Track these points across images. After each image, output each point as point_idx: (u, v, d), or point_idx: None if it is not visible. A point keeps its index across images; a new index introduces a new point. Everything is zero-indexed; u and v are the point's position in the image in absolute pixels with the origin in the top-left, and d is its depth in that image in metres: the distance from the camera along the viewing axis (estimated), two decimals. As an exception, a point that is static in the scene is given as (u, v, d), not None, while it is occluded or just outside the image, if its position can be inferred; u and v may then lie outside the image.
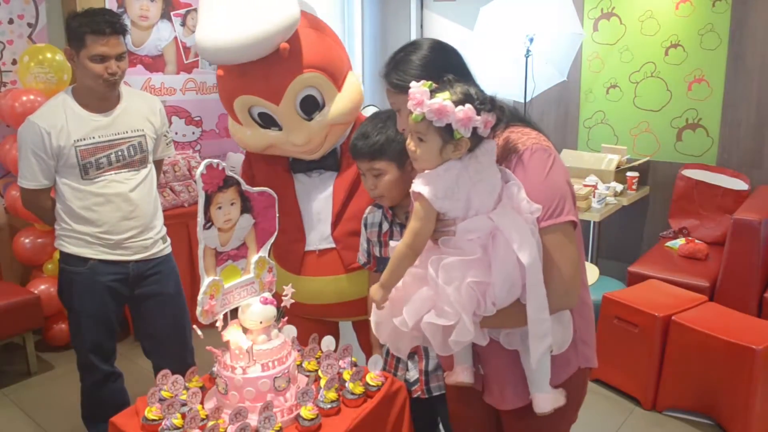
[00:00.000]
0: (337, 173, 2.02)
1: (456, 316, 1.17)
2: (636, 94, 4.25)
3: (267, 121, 1.93)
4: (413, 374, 1.83)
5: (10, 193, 3.23)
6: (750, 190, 3.71)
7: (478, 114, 1.16)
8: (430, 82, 1.20)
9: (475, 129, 1.17)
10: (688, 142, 4.09)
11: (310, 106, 1.91)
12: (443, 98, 1.16)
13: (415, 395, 1.81)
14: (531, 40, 3.80)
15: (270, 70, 1.84)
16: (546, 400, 1.33)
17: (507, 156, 1.28)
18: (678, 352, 2.70)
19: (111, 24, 2.02)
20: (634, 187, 4.00)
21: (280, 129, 1.92)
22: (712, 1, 3.85)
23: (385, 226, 1.82)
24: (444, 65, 1.30)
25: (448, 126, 1.17)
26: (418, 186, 1.21)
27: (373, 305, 1.33)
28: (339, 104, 1.94)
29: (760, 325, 2.71)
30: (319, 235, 2.03)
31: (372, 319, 1.34)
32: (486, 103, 1.17)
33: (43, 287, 3.27)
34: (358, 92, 2.00)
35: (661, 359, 2.76)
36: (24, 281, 3.47)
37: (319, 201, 2.02)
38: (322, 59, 1.91)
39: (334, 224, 2.02)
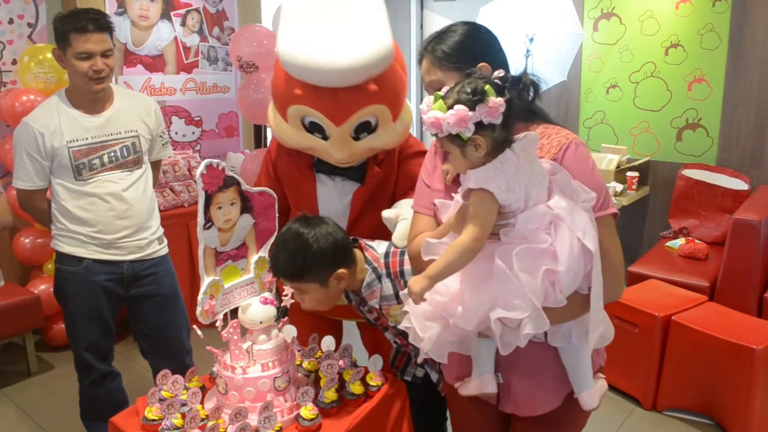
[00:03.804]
0: (360, 185, 1.98)
1: (527, 308, 1.16)
2: (636, 94, 4.25)
3: (315, 129, 1.87)
4: (434, 376, 1.81)
5: (10, 193, 3.22)
6: (750, 190, 3.71)
7: (473, 109, 1.14)
8: (438, 94, 1.20)
9: (480, 123, 1.15)
10: (688, 142, 4.09)
11: (363, 129, 1.86)
12: (435, 109, 1.17)
13: (443, 394, 1.79)
14: (531, 40, 3.80)
15: (343, 94, 1.77)
16: (591, 396, 1.33)
17: (548, 149, 1.29)
18: (678, 352, 2.70)
19: (94, 21, 2.02)
20: (634, 187, 3.99)
21: (325, 138, 1.87)
22: (712, 1, 3.85)
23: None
24: (484, 43, 1.37)
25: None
26: (478, 182, 1.19)
27: (410, 305, 1.28)
28: (391, 135, 1.90)
29: (760, 325, 2.71)
30: None
31: (414, 323, 1.29)
32: (478, 93, 1.15)
33: (43, 287, 3.27)
34: (409, 123, 1.98)
35: (661, 359, 2.76)
36: (24, 281, 3.48)
37: (337, 207, 1.98)
38: (393, 94, 1.87)
39: (348, 233, 2.00)
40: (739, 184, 3.75)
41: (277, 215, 1.69)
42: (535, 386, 1.38)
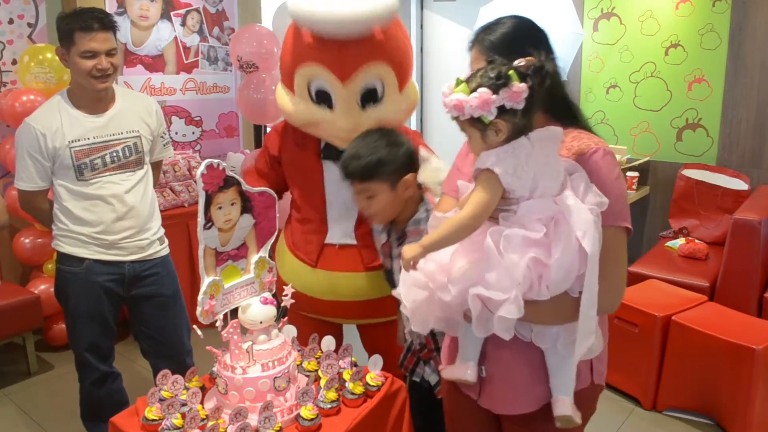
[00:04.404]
0: None
1: (507, 291, 1.17)
2: (636, 94, 4.25)
3: (321, 100, 1.90)
4: (434, 377, 1.81)
5: (10, 193, 3.23)
6: (750, 190, 3.71)
7: (496, 92, 1.15)
8: (460, 78, 1.20)
9: (503, 107, 1.16)
10: (688, 142, 4.09)
11: (369, 98, 1.89)
12: (457, 92, 1.18)
13: (439, 396, 1.78)
14: (531, 40, 3.79)
15: (350, 47, 1.82)
16: (565, 405, 1.31)
17: (576, 150, 1.29)
18: (678, 352, 2.70)
19: (99, 20, 2.02)
20: (634, 187, 4.00)
21: (331, 108, 1.90)
22: (712, 1, 3.85)
23: (384, 238, 1.80)
24: (531, 37, 1.37)
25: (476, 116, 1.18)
26: (486, 162, 1.20)
27: (402, 272, 1.31)
28: (396, 104, 1.94)
29: (760, 325, 2.71)
30: (341, 230, 1.99)
31: (402, 290, 1.31)
32: (503, 77, 1.15)
33: (43, 287, 3.27)
34: (415, 99, 2.01)
35: (661, 359, 2.76)
36: (24, 281, 3.48)
37: (347, 195, 1.96)
38: (399, 56, 1.92)
39: (360, 221, 1.98)
40: (739, 184, 3.75)
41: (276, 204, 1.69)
42: (513, 385, 1.37)
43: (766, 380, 2.49)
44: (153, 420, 1.52)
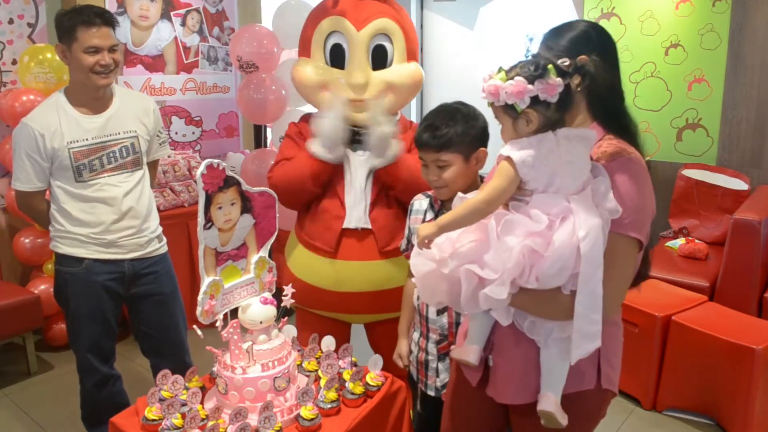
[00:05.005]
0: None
1: (497, 273, 1.20)
2: (636, 94, 4.25)
3: (335, 58, 2.09)
4: (444, 377, 1.78)
5: (10, 193, 3.23)
6: (750, 190, 3.70)
7: (532, 83, 1.17)
8: (502, 66, 1.23)
9: (537, 98, 1.18)
10: (688, 142, 4.09)
11: (379, 58, 2.08)
12: (496, 79, 1.21)
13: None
14: (531, 40, 3.81)
15: (367, 1, 2.10)
16: (550, 401, 1.30)
17: (607, 155, 1.29)
18: (678, 352, 2.70)
19: (100, 15, 2.03)
20: (634, 187, 3.99)
21: (343, 68, 2.08)
22: (712, 1, 3.85)
23: (429, 215, 1.81)
24: (595, 44, 1.36)
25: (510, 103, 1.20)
26: (508, 150, 1.23)
27: (415, 248, 1.34)
28: (402, 70, 2.11)
29: (760, 325, 2.71)
30: (357, 215, 2.08)
31: (413, 259, 1.36)
32: (540, 69, 1.17)
33: (43, 287, 3.27)
34: (419, 76, 2.17)
35: (661, 359, 2.76)
36: (24, 281, 3.47)
37: (362, 181, 2.09)
38: (408, 25, 2.16)
39: (373, 204, 2.09)
40: (739, 184, 3.75)
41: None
42: (514, 375, 1.37)
43: (766, 380, 2.49)
44: (153, 420, 1.52)
